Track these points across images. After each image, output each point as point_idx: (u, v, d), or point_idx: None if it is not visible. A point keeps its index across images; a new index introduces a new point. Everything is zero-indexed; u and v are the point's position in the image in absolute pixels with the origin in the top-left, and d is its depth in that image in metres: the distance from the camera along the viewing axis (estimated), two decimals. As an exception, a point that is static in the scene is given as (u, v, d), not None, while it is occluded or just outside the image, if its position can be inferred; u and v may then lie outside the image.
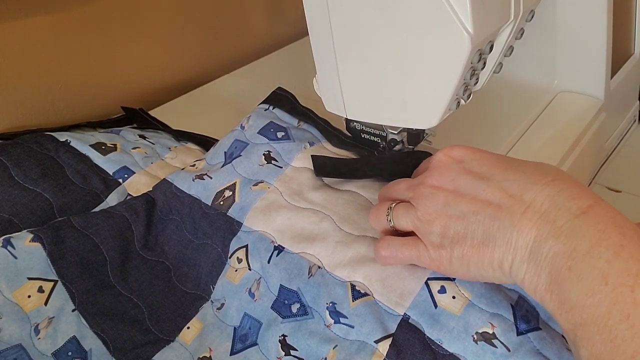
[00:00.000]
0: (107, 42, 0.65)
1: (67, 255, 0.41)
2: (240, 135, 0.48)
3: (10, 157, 0.48)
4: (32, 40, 0.58)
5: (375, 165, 0.43)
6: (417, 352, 0.33)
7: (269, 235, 0.41)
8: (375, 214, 0.37)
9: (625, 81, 0.59)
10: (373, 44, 0.37)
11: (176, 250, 0.44)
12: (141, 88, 0.71)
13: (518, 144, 0.50)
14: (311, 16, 0.39)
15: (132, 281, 0.42)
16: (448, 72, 0.35)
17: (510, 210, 0.29)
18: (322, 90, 0.43)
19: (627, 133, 0.63)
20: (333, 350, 0.35)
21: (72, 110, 0.64)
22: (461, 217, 0.31)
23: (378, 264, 0.37)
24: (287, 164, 0.45)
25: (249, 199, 0.43)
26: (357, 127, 0.46)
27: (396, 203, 0.35)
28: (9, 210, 0.45)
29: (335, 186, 0.43)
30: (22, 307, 0.38)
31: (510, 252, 0.29)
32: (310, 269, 0.38)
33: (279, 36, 0.87)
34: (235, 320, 0.40)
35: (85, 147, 0.51)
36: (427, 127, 0.40)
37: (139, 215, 0.44)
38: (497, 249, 0.30)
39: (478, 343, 0.32)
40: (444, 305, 0.34)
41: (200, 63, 0.78)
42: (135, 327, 0.40)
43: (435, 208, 0.32)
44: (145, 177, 0.49)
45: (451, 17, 0.32)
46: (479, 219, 0.30)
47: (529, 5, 0.38)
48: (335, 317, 0.36)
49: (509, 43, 0.39)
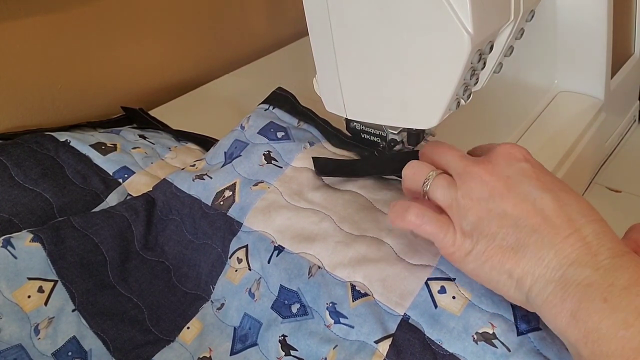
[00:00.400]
0: (107, 42, 0.65)
1: (67, 255, 0.41)
2: (240, 135, 0.48)
3: (10, 157, 0.48)
4: (32, 40, 0.58)
5: (376, 164, 0.43)
6: (417, 352, 0.33)
7: (269, 236, 0.41)
8: (412, 172, 0.35)
9: (625, 81, 0.59)
10: (373, 44, 0.37)
11: (176, 250, 0.44)
12: (141, 88, 0.71)
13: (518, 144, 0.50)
14: (311, 16, 0.39)
15: (132, 281, 0.42)
16: (448, 72, 0.35)
17: (556, 228, 0.29)
18: (322, 90, 0.43)
19: (627, 133, 0.63)
20: (333, 351, 0.35)
21: (72, 110, 0.64)
22: (500, 215, 0.30)
23: (378, 264, 0.37)
24: (287, 164, 0.45)
25: (249, 199, 0.43)
26: (357, 127, 0.46)
27: (439, 172, 0.34)
28: (9, 210, 0.45)
29: (335, 186, 0.43)
30: (22, 307, 0.38)
31: (540, 268, 0.29)
32: (310, 269, 0.38)
33: (279, 36, 0.87)
34: (235, 320, 0.40)
35: (85, 147, 0.51)
36: (427, 127, 0.40)
37: (139, 215, 0.44)
38: (525, 261, 0.29)
39: (478, 343, 0.32)
40: (444, 305, 0.34)
41: (200, 63, 0.78)
42: (135, 327, 0.40)
43: (479, 196, 0.31)
44: (145, 177, 0.49)
45: (451, 17, 0.32)
46: (517, 225, 0.30)
47: (529, 5, 0.38)
48: (335, 317, 0.36)
49: (509, 43, 0.39)
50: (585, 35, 0.53)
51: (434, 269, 0.36)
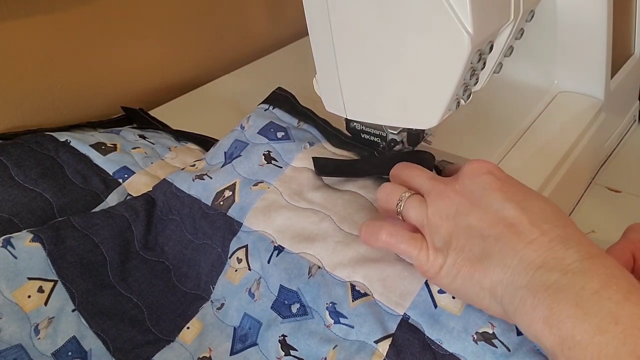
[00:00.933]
0: (107, 42, 0.65)
1: (67, 255, 0.41)
2: (240, 135, 0.48)
3: (10, 157, 0.48)
4: (32, 40, 0.58)
5: (376, 165, 0.43)
6: (417, 352, 0.33)
7: (268, 235, 0.41)
8: (385, 194, 0.36)
9: (625, 81, 0.59)
10: (373, 44, 0.37)
11: (176, 250, 0.44)
12: (141, 88, 0.71)
13: (518, 144, 0.50)
14: (311, 16, 0.39)
15: (132, 281, 0.42)
16: (448, 72, 0.35)
17: (519, 235, 0.29)
18: (322, 90, 0.43)
19: (627, 133, 0.62)
20: (333, 351, 0.35)
21: (72, 110, 0.64)
22: (467, 229, 0.31)
23: (378, 264, 0.37)
24: (287, 164, 0.45)
25: (248, 199, 0.43)
26: (357, 127, 0.46)
27: (411, 194, 0.35)
28: (9, 210, 0.46)
29: (335, 186, 0.43)
30: (22, 307, 0.38)
31: (507, 275, 0.29)
32: (310, 269, 0.38)
33: (279, 36, 0.87)
34: (235, 320, 0.40)
35: (85, 147, 0.51)
36: (427, 127, 0.40)
37: (139, 215, 0.44)
38: (492, 270, 0.30)
39: (478, 343, 0.32)
40: (444, 305, 0.34)
41: (200, 63, 0.78)
42: (135, 327, 0.40)
43: (447, 213, 0.32)
44: (145, 177, 0.49)
45: (451, 17, 0.32)
46: (482, 235, 0.30)
47: (529, 5, 0.38)
48: (335, 317, 0.36)
49: (509, 43, 0.39)
50: (585, 35, 0.53)
51: None
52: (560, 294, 0.26)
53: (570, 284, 0.26)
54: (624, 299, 0.25)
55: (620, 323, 0.25)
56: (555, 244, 0.28)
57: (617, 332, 0.24)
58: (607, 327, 0.25)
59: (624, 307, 0.25)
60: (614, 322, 0.25)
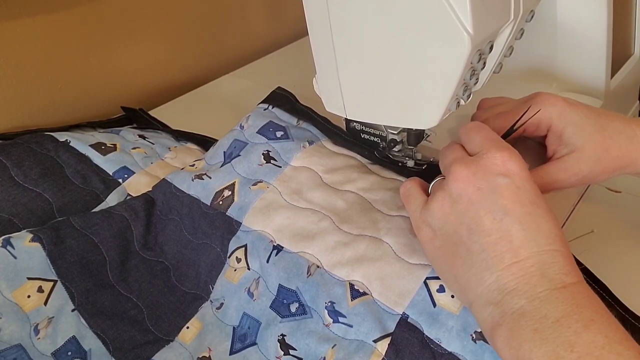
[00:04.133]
0: (107, 42, 0.66)
1: (66, 255, 0.41)
2: (239, 135, 0.48)
3: (10, 157, 0.48)
4: (32, 40, 0.58)
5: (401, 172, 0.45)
6: (415, 351, 0.33)
7: (268, 235, 0.41)
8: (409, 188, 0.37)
9: (625, 81, 0.59)
10: (373, 44, 0.37)
11: (175, 250, 0.44)
12: (141, 88, 0.71)
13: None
14: (311, 16, 0.39)
15: (132, 281, 0.42)
16: (448, 72, 0.35)
17: (502, 255, 0.29)
18: (322, 90, 0.43)
19: (627, 133, 0.62)
20: (332, 350, 0.35)
21: (72, 110, 0.64)
22: (459, 221, 0.31)
23: (377, 263, 0.37)
24: (286, 163, 0.45)
25: (248, 199, 0.43)
26: (357, 127, 0.46)
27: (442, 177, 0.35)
28: (9, 210, 0.46)
29: (334, 186, 0.43)
30: (21, 307, 0.38)
31: (481, 288, 0.30)
32: (309, 268, 0.38)
33: (279, 36, 0.87)
34: (234, 319, 0.40)
35: (85, 147, 0.51)
36: (427, 127, 0.40)
37: (139, 215, 0.44)
38: (469, 275, 0.31)
39: (477, 342, 0.32)
40: (443, 304, 0.34)
41: (201, 63, 0.78)
42: (135, 327, 0.40)
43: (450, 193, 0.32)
44: (145, 177, 0.49)
45: (451, 17, 0.32)
46: (471, 237, 0.31)
47: (529, 5, 0.38)
48: (334, 316, 0.36)
49: (509, 43, 0.39)
50: (585, 35, 0.53)
51: (433, 268, 0.36)
52: (523, 319, 0.28)
53: (534, 311, 0.28)
54: (584, 327, 0.26)
55: (576, 350, 0.26)
56: (535, 270, 0.29)
57: (572, 358, 0.25)
58: (563, 354, 0.26)
59: (581, 336, 0.26)
60: (569, 349, 0.26)
